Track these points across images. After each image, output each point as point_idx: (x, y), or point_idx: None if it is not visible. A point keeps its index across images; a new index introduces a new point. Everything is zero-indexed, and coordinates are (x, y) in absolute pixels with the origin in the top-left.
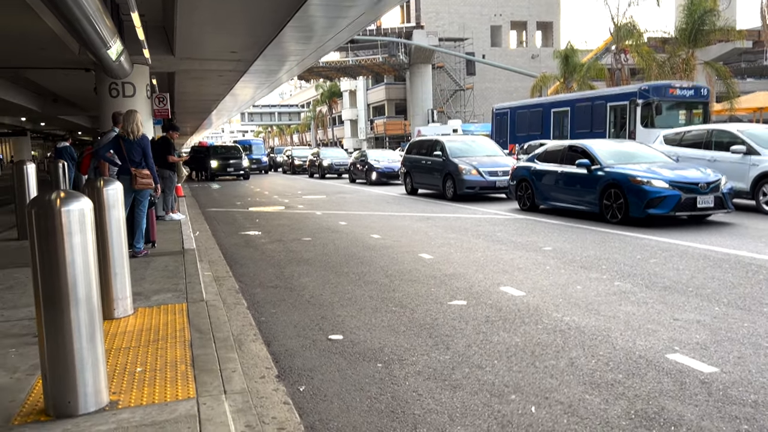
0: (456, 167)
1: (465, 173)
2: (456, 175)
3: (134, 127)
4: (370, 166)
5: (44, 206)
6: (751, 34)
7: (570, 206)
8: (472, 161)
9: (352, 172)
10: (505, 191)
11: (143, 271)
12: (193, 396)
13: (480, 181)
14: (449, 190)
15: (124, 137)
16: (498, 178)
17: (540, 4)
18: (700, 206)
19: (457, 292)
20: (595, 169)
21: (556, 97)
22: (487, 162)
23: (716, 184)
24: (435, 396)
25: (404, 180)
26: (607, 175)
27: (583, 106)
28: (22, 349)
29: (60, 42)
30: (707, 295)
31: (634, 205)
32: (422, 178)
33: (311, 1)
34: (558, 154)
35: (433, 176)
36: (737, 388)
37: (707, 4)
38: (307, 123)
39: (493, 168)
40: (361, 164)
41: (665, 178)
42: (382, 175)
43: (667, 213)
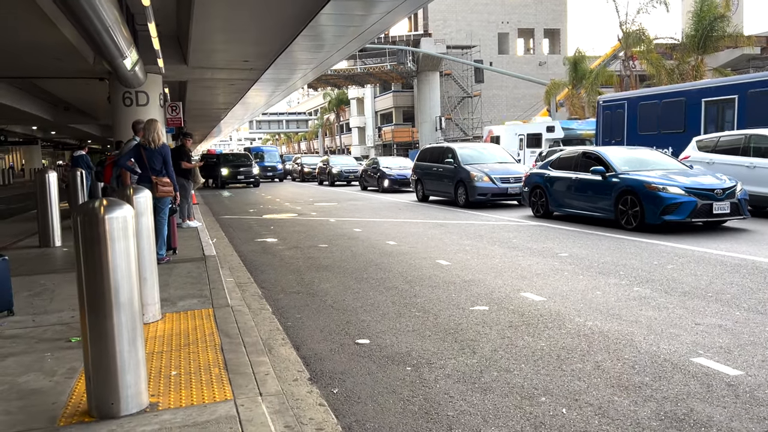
0: (468, 174)
1: (477, 180)
2: (468, 182)
3: (155, 136)
4: (382, 173)
5: (89, 213)
6: (759, 40)
7: (584, 213)
8: (483, 168)
9: (364, 180)
10: (517, 198)
11: (167, 278)
12: (230, 398)
13: (492, 188)
14: (461, 197)
15: (144, 146)
16: (510, 185)
17: (547, 12)
18: (716, 212)
19: (477, 297)
20: (610, 175)
21: (709, 81)
22: (499, 169)
23: (732, 190)
24: (466, 398)
25: (415, 187)
26: (622, 181)
27: (761, 93)
28: (57, 353)
29: (76, 52)
30: (727, 300)
31: (649, 212)
32: (434, 185)
33: (323, 11)
34: (571, 161)
35: (444, 183)
36: (764, 391)
37: (717, 10)
38: (315, 131)
39: (504, 175)
40: (372, 171)
41: (681, 184)
42: (394, 182)
43: (683, 219)
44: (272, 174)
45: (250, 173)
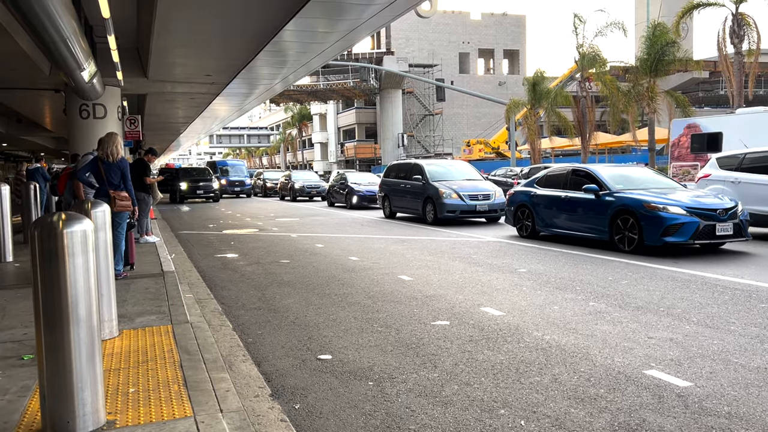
0: (436, 191)
1: (445, 197)
2: (436, 199)
3: (113, 150)
4: (350, 189)
5: (48, 227)
6: (708, 65)
7: (575, 233)
8: (452, 185)
9: (331, 195)
10: (486, 215)
11: (125, 294)
12: (190, 415)
13: (461, 205)
14: (429, 213)
15: (103, 159)
16: (478, 202)
17: (506, 33)
18: (719, 234)
19: (439, 312)
20: (604, 194)
21: None
22: (468, 186)
23: (734, 210)
24: (428, 412)
25: (382, 203)
26: (617, 200)
27: None
28: (9, 371)
29: (31, 62)
30: (678, 315)
31: (649, 233)
32: (401, 202)
33: (286, 28)
34: (560, 178)
35: (412, 200)
36: (711, 401)
37: (668, 36)
38: (277, 146)
39: (473, 192)
40: (340, 187)
41: (682, 204)
42: (363, 198)
43: (686, 241)
44: (239, 189)
45: (209, 188)
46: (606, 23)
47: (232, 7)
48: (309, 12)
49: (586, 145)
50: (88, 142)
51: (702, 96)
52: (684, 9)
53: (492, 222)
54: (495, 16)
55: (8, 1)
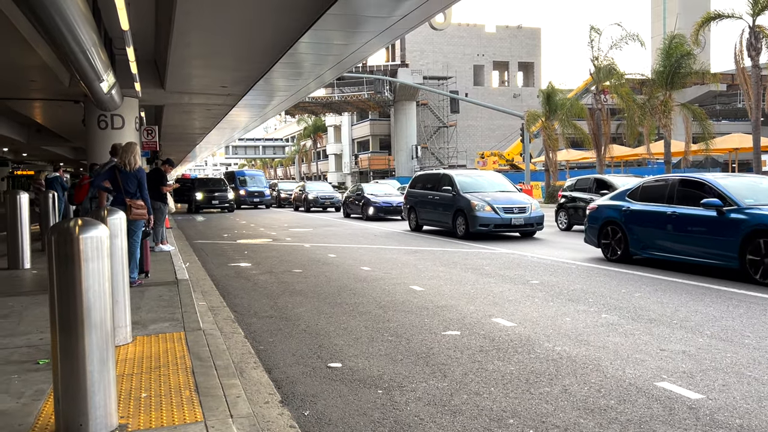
0: (468, 203)
1: (478, 210)
2: (468, 212)
3: (131, 159)
4: (366, 200)
5: (64, 232)
6: (725, 78)
7: (688, 259)
8: (485, 197)
9: (347, 206)
10: (521, 230)
11: (139, 301)
12: (201, 420)
13: (494, 219)
14: (460, 227)
15: (120, 168)
16: (513, 215)
17: (521, 46)
18: None
19: (450, 322)
20: (729, 210)
21: None
22: (501, 198)
23: None
24: (436, 420)
25: (408, 216)
26: (751, 218)
27: None
28: (24, 375)
29: (51, 73)
30: (691, 327)
31: None
32: (429, 214)
33: (302, 40)
34: (663, 190)
35: (441, 212)
36: (723, 414)
37: (684, 48)
38: (292, 157)
39: (508, 204)
40: (356, 198)
41: None
42: (380, 209)
43: None
44: (258, 200)
45: (225, 198)
46: (621, 36)
47: (249, 20)
48: (324, 24)
49: (602, 158)
50: (106, 152)
51: (719, 109)
52: (701, 21)
53: (526, 237)
54: (510, 29)
55: (30, 14)
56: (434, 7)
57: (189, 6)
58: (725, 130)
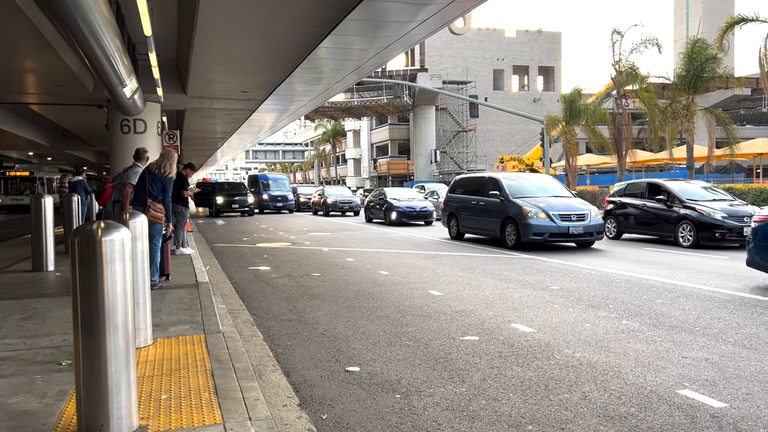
0: (520, 210)
1: (531, 217)
2: (520, 219)
3: (167, 166)
4: (389, 205)
5: (87, 235)
6: (750, 82)
7: None
8: (538, 203)
9: (369, 211)
10: (578, 240)
11: (159, 303)
12: (220, 422)
13: (550, 227)
14: (510, 236)
15: (152, 170)
16: (571, 223)
17: (542, 50)
18: None
19: (468, 327)
20: None
21: None
22: (557, 204)
23: None
24: (454, 426)
25: (448, 223)
26: None
27: None
28: (48, 375)
29: (76, 79)
30: (714, 335)
31: None
32: (472, 221)
33: (322, 45)
34: None
35: (487, 220)
36: (747, 423)
37: (708, 52)
38: (311, 161)
39: (565, 211)
40: (379, 203)
41: None
42: (403, 214)
43: None
44: (282, 205)
45: (244, 202)
46: (641, 39)
47: (270, 25)
48: (344, 30)
49: (623, 163)
50: (128, 156)
51: (743, 113)
52: (726, 24)
53: (582, 247)
54: (530, 33)
55: (56, 20)
56: (454, 11)
57: (211, 12)
58: (749, 135)
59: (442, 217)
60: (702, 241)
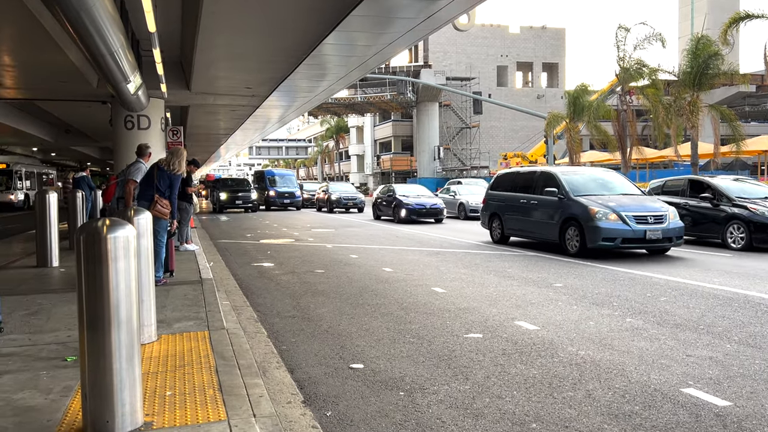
0: (585, 210)
1: (600, 219)
2: (585, 222)
3: (177, 164)
4: (398, 202)
5: (92, 232)
6: (755, 78)
7: None
8: (607, 202)
9: (377, 208)
10: (653, 246)
11: (164, 300)
12: (224, 418)
13: (623, 231)
14: (572, 241)
15: (161, 167)
16: (648, 226)
17: (545, 46)
18: None
19: (472, 325)
20: None
21: None
22: (630, 204)
23: None
24: (458, 423)
25: (489, 224)
26: None
27: None
28: (53, 371)
29: (80, 75)
30: (718, 333)
31: None
32: (520, 223)
33: (326, 41)
34: None
35: (540, 221)
36: (751, 422)
37: (712, 48)
38: (315, 157)
39: (640, 212)
40: (387, 200)
41: None
42: (412, 212)
43: None
44: (288, 201)
45: (248, 198)
46: (646, 35)
47: (273, 21)
48: (348, 26)
49: (627, 159)
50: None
51: (748, 110)
52: (729, 21)
53: (656, 254)
54: (534, 30)
55: (60, 16)
56: (461, 7)
57: (214, 8)
58: (754, 132)
59: (481, 217)
60: (756, 243)
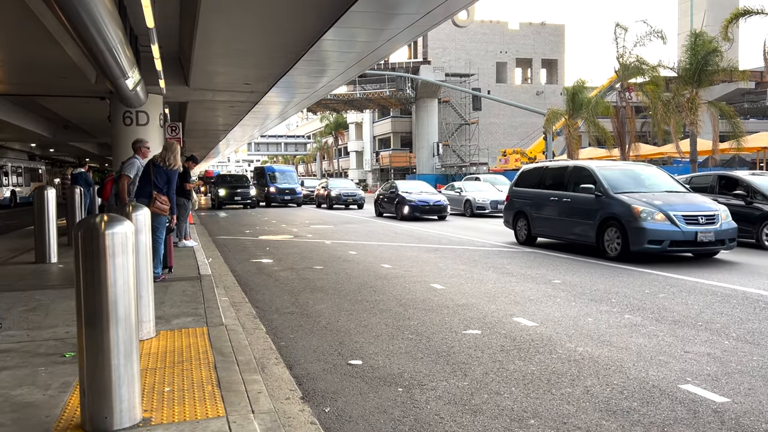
0: (628, 209)
1: (645, 219)
2: (628, 222)
3: (172, 158)
4: (401, 198)
5: (90, 228)
6: (754, 75)
7: None
8: (651, 200)
9: (380, 205)
10: (702, 249)
11: (162, 296)
12: (223, 415)
13: (672, 233)
14: (611, 243)
15: (157, 163)
16: (699, 227)
17: (545, 43)
18: None
19: (470, 321)
20: None
21: None
22: (678, 203)
23: None
24: (456, 419)
25: (513, 224)
26: None
27: None
28: (52, 367)
29: (78, 71)
30: (716, 330)
31: None
32: (550, 223)
33: (325, 37)
34: None
35: (574, 221)
36: (749, 418)
37: (711, 45)
38: (314, 154)
39: (689, 212)
40: (390, 196)
41: None
42: (415, 209)
43: None
44: (289, 198)
45: (247, 194)
46: (646, 32)
47: (273, 17)
48: (348, 22)
49: (626, 156)
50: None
51: (748, 107)
52: (730, 17)
53: (702, 258)
54: (533, 26)
55: (58, 10)
56: (459, 3)
57: (213, 3)
58: (753, 129)
59: (505, 216)
60: None
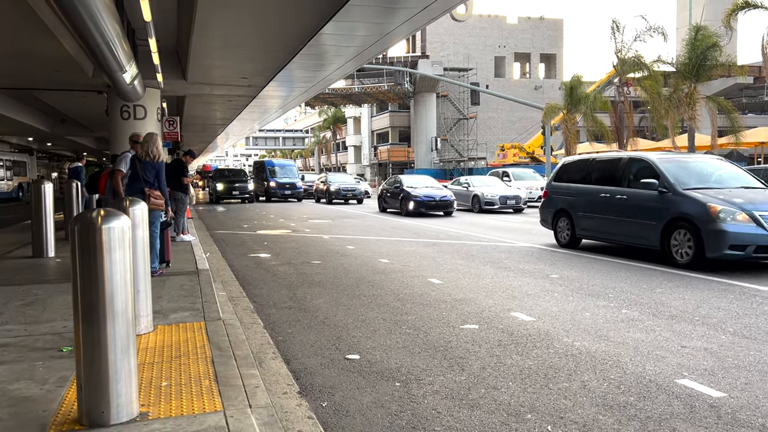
0: (704, 208)
1: (724, 220)
2: (703, 224)
3: (153, 150)
4: (406, 193)
5: (87, 222)
6: (752, 70)
7: None
8: (731, 198)
9: (383, 200)
10: None
11: (160, 290)
12: (220, 409)
13: (757, 236)
14: (681, 248)
15: (140, 158)
16: None
17: (543, 37)
18: None
19: (468, 316)
20: None
21: None
22: (759, 200)
23: None
24: (454, 414)
25: (553, 223)
26: None
27: None
28: (48, 362)
29: (75, 64)
30: (713, 324)
31: None
32: (600, 223)
33: (323, 30)
34: None
35: (631, 222)
36: (745, 412)
37: (710, 39)
38: (312, 148)
39: None
40: (394, 192)
41: None
42: (421, 204)
43: None
44: (290, 192)
45: (245, 189)
46: (645, 28)
47: (271, 11)
48: (346, 15)
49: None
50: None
51: (746, 102)
52: (730, 10)
53: None
54: (532, 20)
55: (54, 4)
56: None
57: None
58: (751, 124)
59: (542, 214)
60: None
